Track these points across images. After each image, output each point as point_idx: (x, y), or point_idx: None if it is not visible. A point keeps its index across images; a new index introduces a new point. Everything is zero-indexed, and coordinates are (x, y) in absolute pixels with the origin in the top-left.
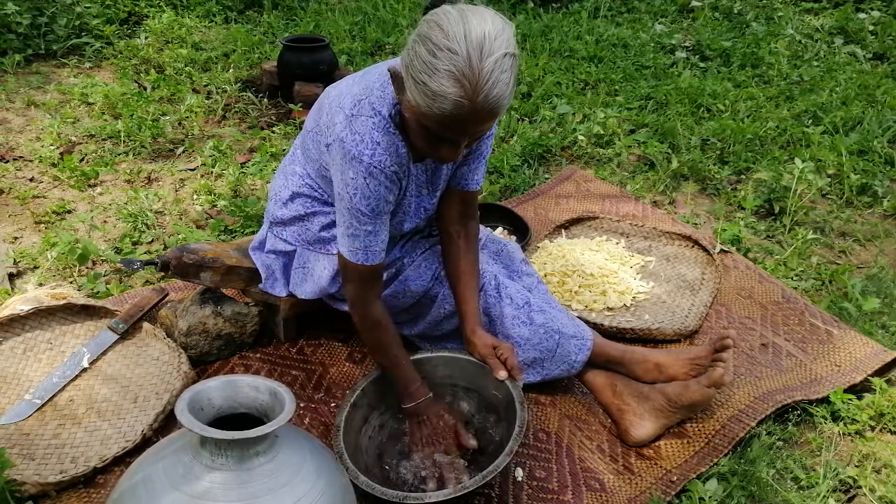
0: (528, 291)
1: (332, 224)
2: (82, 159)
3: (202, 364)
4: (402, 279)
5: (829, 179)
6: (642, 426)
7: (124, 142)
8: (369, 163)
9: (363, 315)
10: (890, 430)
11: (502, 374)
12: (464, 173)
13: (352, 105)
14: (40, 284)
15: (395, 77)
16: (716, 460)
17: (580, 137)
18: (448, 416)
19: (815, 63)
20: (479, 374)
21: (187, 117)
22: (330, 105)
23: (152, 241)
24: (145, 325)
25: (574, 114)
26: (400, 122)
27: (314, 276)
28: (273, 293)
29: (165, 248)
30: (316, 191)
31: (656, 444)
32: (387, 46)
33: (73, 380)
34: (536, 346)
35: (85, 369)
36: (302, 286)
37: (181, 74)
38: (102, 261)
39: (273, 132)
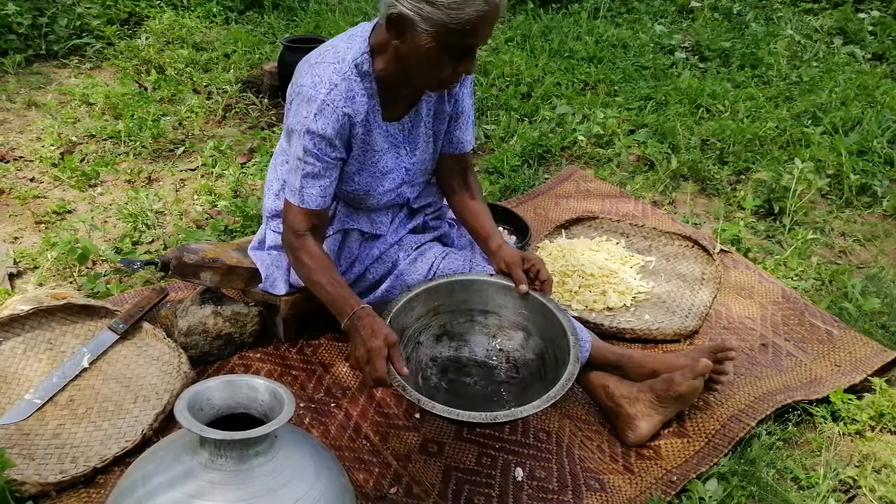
0: None
1: None
2: (83, 159)
3: (202, 364)
4: (397, 273)
5: (829, 179)
6: (637, 426)
7: (125, 142)
8: (323, 100)
9: (290, 245)
10: (890, 430)
11: (523, 288)
12: (458, 137)
13: (316, 55)
14: (40, 284)
15: (397, 21)
16: (716, 460)
17: (580, 138)
18: (380, 336)
19: (815, 63)
20: (497, 295)
21: (188, 118)
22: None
23: (152, 241)
24: (145, 325)
25: (574, 114)
26: (372, 70)
27: None
28: (274, 292)
29: (165, 248)
30: None
31: (656, 443)
32: None
33: (73, 380)
34: None
35: (85, 369)
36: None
37: (182, 75)
38: (102, 261)
39: (273, 132)
